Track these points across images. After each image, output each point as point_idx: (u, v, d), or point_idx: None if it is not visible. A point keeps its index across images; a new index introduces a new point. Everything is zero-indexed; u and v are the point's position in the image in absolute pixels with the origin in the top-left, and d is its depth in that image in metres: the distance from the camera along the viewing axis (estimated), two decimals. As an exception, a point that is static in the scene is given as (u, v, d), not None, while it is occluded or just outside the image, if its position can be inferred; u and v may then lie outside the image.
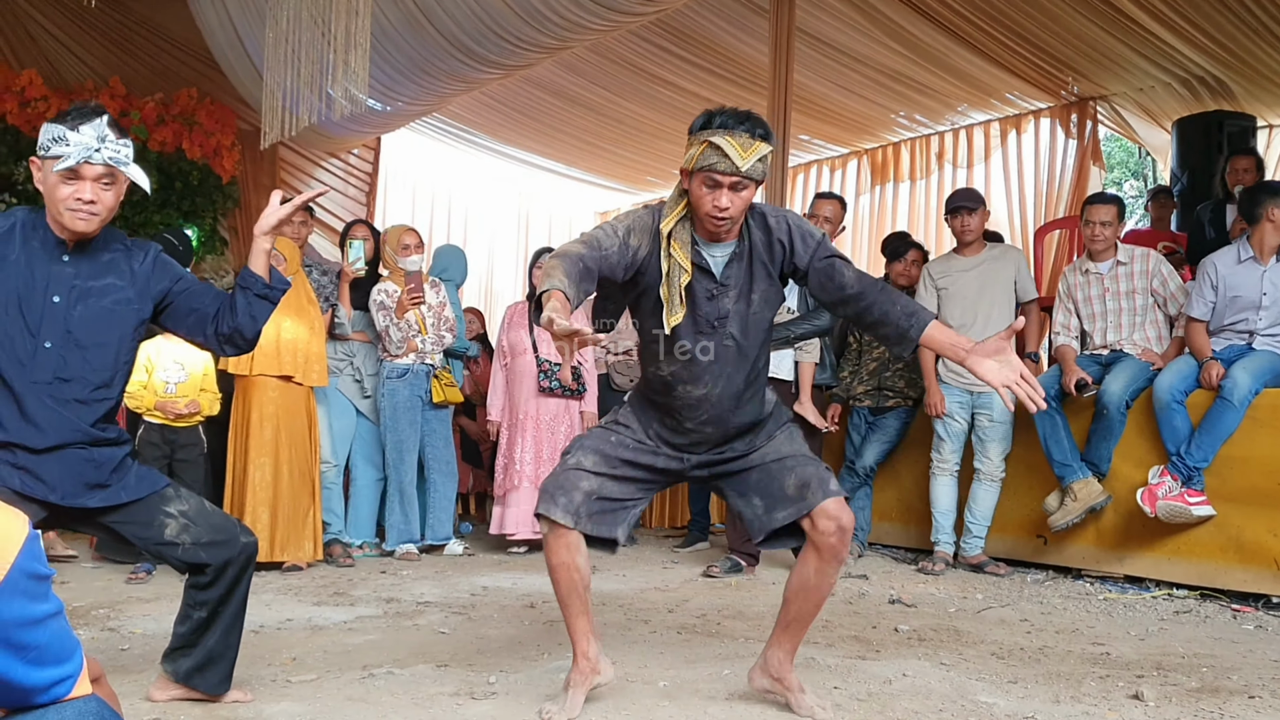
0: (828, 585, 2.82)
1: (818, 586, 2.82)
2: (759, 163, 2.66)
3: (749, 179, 2.68)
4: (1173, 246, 7.05)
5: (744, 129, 2.65)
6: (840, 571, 2.72)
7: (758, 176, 2.68)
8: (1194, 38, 7.44)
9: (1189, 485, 4.68)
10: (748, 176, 2.66)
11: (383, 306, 5.73)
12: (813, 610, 2.87)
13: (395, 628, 3.98)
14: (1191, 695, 3.10)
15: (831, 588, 2.83)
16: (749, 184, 2.69)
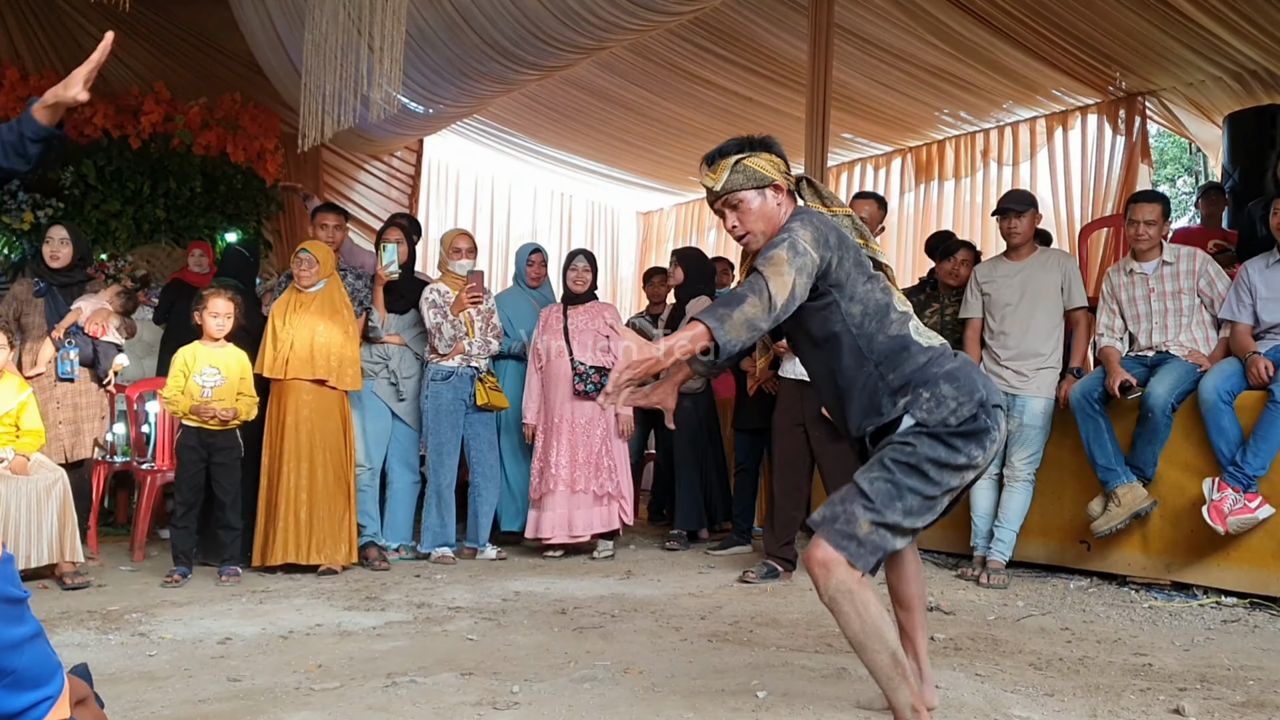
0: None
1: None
2: (734, 174, 2.75)
3: (730, 193, 2.77)
4: (1223, 244, 6.88)
5: (707, 160, 2.82)
6: (837, 609, 2.52)
7: (740, 186, 2.75)
8: (1245, 30, 7.26)
9: (1247, 492, 4.55)
10: (727, 191, 2.76)
11: (435, 305, 5.74)
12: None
13: (424, 634, 3.96)
14: (1235, 710, 3.00)
15: (836, 618, 2.56)
16: (737, 197, 2.77)
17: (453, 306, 5.74)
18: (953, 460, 2.55)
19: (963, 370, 2.63)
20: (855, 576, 2.50)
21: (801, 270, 2.53)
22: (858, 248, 2.73)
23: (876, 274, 2.74)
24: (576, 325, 6.02)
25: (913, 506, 2.55)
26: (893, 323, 2.68)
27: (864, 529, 2.52)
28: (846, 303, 2.66)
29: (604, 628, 4.10)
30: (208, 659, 3.52)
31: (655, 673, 3.39)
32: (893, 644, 2.53)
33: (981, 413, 2.57)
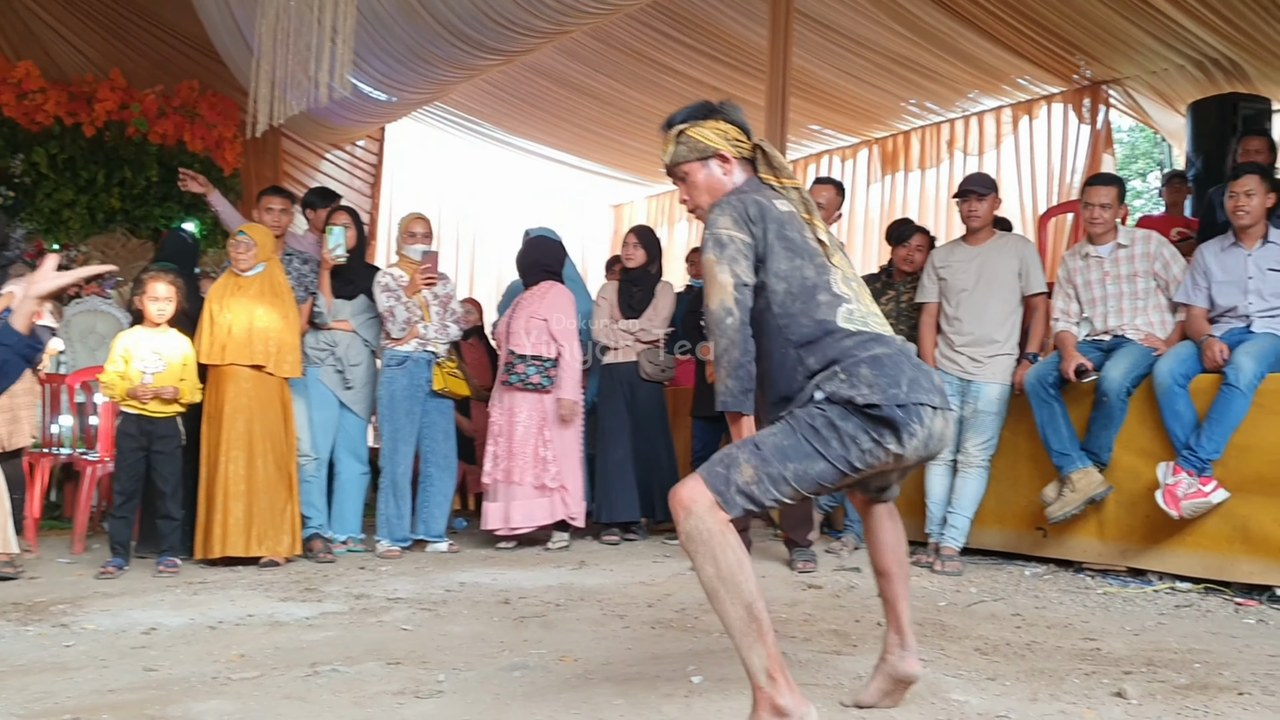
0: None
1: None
2: (679, 146, 2.72)
3: (675, 165, 2.74)
4: (1186, 232, 6.85)
5: (662, 129, 2.79)
6: (692, 550, 2.36)
7: (684, 158, 2.71)
8: (1206, 18, 7.23)
9: (1201, 475, 4.50)
10: (673, 164, 2.74)
11: (387, 289, 5.63)
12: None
13: (357, 624, 3.85)
14: (1178, 692, 2.93)
15: (692, 561, 2.41)
16: (682, 169, 2.74)
17: (407, 289, 5.63)
18: (859, 437, 2.37)
19: (891, 360, 2.43)
20: (719, 519, 2.34)
21: (735, 259, 2.50)
22: (784, 222, 2.57)
23: (814, 250, 2.57)
24: (523, 310, 5.91)
25: (807, 471, 2.37)
26: (820, 305, 2.51)
27: (745, 475, 2.36)
28: (770, 280, 2.53)
29: (546, 617, 4.00)
30: (127, 649, 3.41)
31: (590, 660, 3.30)
32: (749, 597, 2.31)
33: (890, 408, 2.36)
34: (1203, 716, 2.71)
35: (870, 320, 2.54)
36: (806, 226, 2.62)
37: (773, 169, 2.69)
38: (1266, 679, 3.07)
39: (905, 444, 2.39)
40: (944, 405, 2.49)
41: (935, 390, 2.47)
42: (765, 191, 2.63)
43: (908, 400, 2.38)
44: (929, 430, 2.43)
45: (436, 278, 5.70)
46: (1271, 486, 4.40)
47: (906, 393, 2.38)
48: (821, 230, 2.63)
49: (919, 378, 2.44)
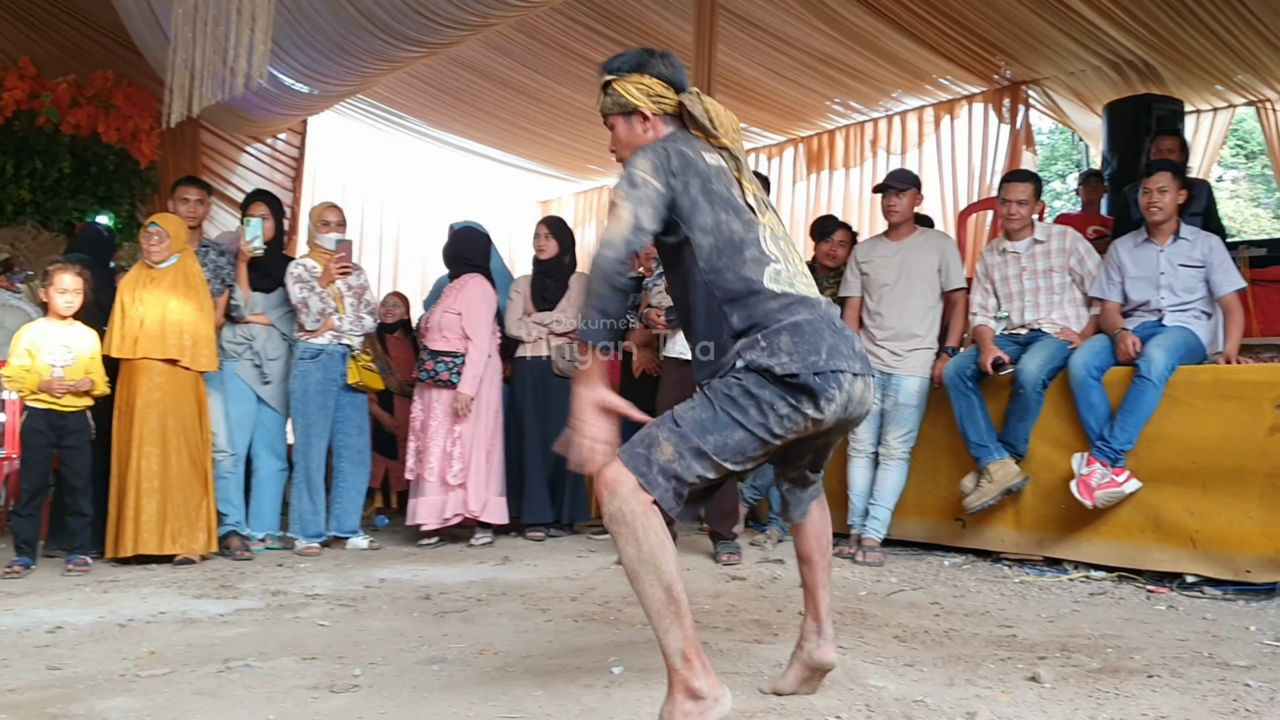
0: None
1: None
2: (605, 97, 2.70)
3: (604, 115, 2.73)
4: (1102, 230, 7.00)
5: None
6: (615, 531, 2.31)
7: (608, 110, 2.70)
8: (1122, 20, 7.39)
9: (1114, 466, 4.59)
10: (602, 114, 2.73)
11: (300, 279, 5.51)
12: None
13: (273, 620, 3.78)
14: (1090, 676, 2.98)
15: (615, 542, 2.35)
16: (609, 120, 2.71)
17: (320, 279, 5.53)
18: (776, 403, 2.34)
19: (812, 327, 2.40)
20: (643, 500, 2.30)
21: (642, 202, 2.41)
22: (710, 176, 2.50)
23: (742, 207, 2.51)
24: (439, 304, 5.85)
25: (726, 442, 2.34)
26: (747, 262, 2.45)
27: (666, 453, 2.33)
28: (695, 234, 2.47)
29: (467, 612, 3.96)
30: (30, 648, 3.30)
31: (511, 653, 3.27)
32: (669, 579, 2.27)
33: (808, 375, 2.33)
34: (1114, 699, 2.75)
35: (797, 281, 2.50)
36: (735, 183, 2.55)
37: (699, 127, 2.60)
38: (1175, 662, 3.13)
39: (824, 410, 2.36)
40: (865, 371, 2.47)
41: (856, 356, 2.45)
42: (694, 144, 2.56)
43: (826, 368, 2.35)
44: (848, 395, 2.40)
45: (351, 267, 5.61)
46: (1182, 476, 4.50)
47: (825, 360, 2.36)
48: (751, 187, 2.57)
49: (839, 344, 2.41)
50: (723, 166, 2.56)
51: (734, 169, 2.58)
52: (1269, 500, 4.25)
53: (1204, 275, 4.78)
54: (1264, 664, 3.10)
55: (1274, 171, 8.97)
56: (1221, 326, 4.82)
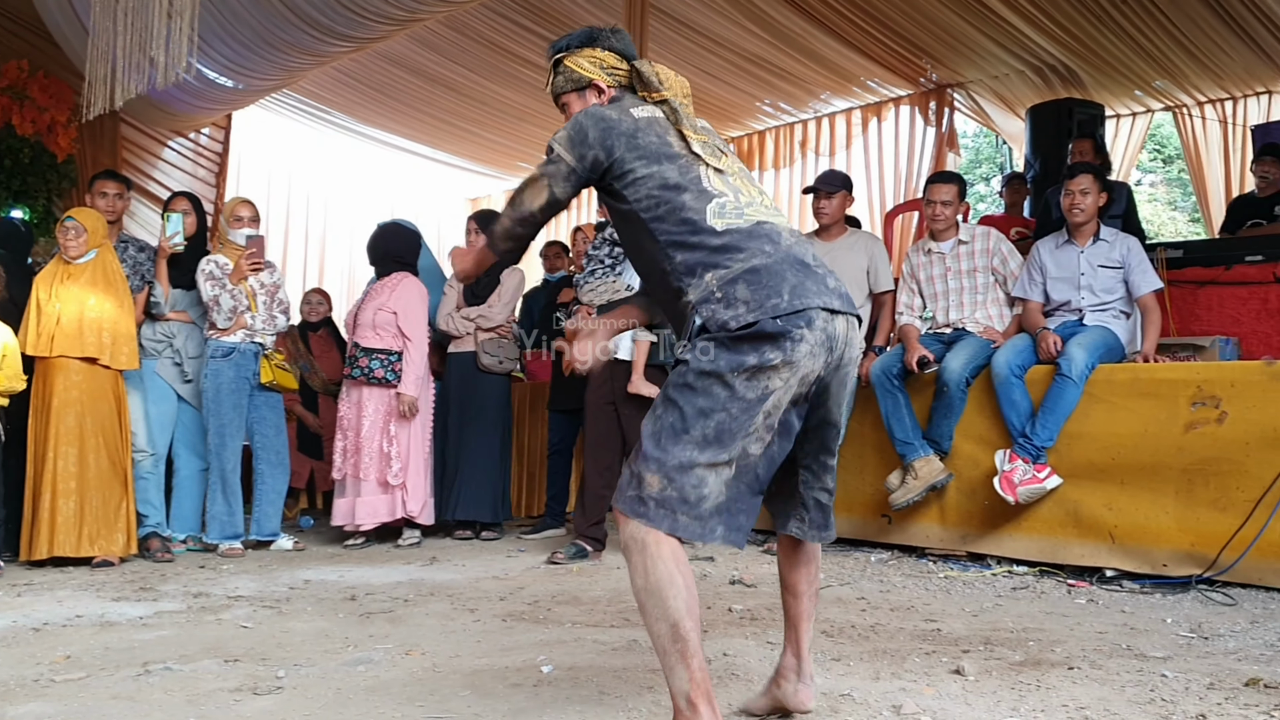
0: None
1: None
2: (556, 76, 2.64)
3: (556, 96, 2.66)
4: (1025, 231, 7.13)
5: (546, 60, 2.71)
6: (627, 559, 2.21)
7: (561, 89, 2.63)
8: (1045, 25, 7.55)
9: (1036, 463, 4.67)
10: (554, 95, 2.66)
11: (211, 276, 5.41)
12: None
13: (194, 623, 3.70)
14: (1013, 668, 3.03)
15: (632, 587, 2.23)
16: (562, 100, 2.64)
17: (231, 276, 5.43)
18: (738, 365, 2.14)
19: (771, 268, 2.22)
20: (655, 532, 2.14)
21: (554, 177, 2.39)
22: (636, 130, 2.38)
23: (676, 154, 2.37)
24: (369, 301, 5.78)
25: (707, 434, 2.14)
26: (686, 204, 2.31)
27: (653, 485, 2.15)
28: (630, 191, 2.36)
29: (394, 612, 3.92)
30: (-61, 654, 3.21)
31: (438, 653, 3.24)
32: (676, 615, 2.10)
33: (767, 321, 2.14)
34: (1035, 691, 2.80)
35: (748, 211, 2.33)
36: (671, 131, 2.42)
37: (645, 85, 2.52)
38: (1095, 654, 3.20)
39: (791, 351, 2.15)
40: (846, 308, 2.29)
41: (830, 292, 2.26)
42: (624, 102, 2.48)
43: (789, 308, 2.16)
44: (825, 334, 2.22)
45: (263, 264, 5.51)
46: (1101, 472, 4.60)
47: (788, 300, 2.17)
48: (696, 135, 2.43)
49: (804, 282, 2.23)
50: (655, 117, 2.44)
51: (672, 119, 2.45)
52: (1184, 496, 4.36)
53: (1123, 276, 4.90)
54: (1179, 655, 3.18)
55: (1190, 176, 9.21)
56: (1139, 326, 4.94)
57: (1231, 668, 2.99)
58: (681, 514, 2.15)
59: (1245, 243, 6.11)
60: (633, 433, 5.17)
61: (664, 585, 2.12)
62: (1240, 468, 4.22)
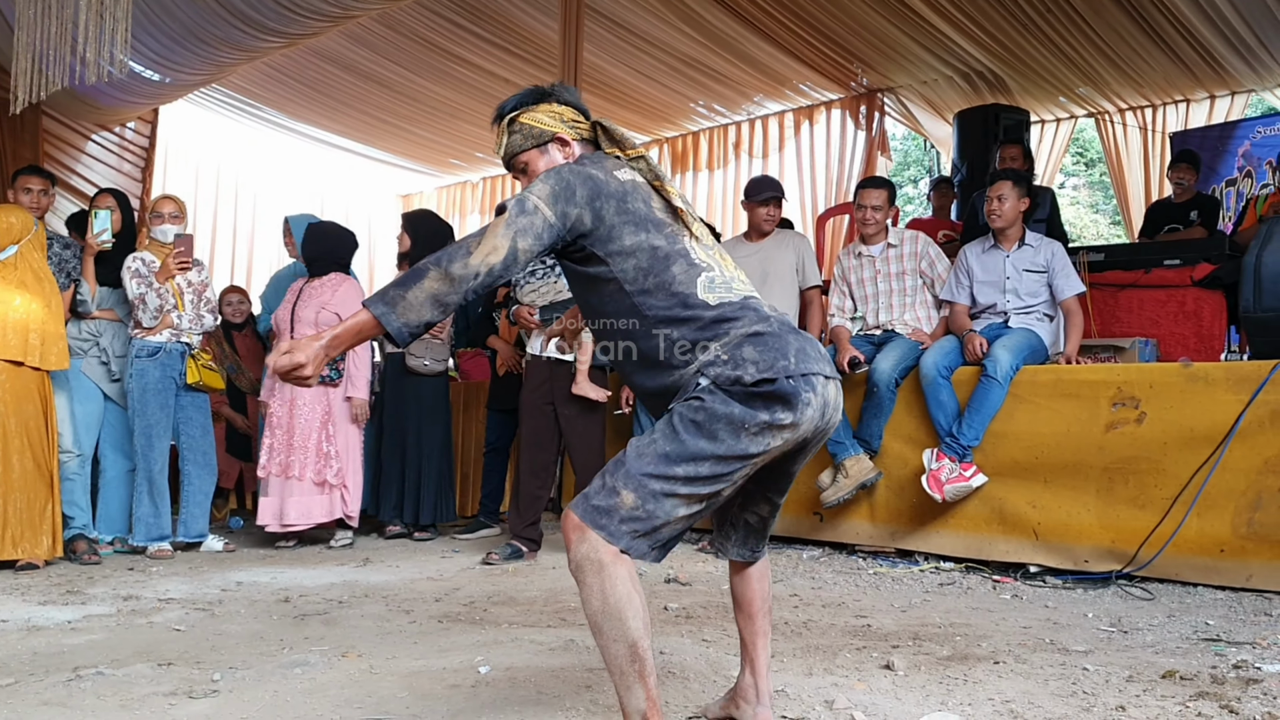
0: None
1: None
2: (512, 136, 2.45)
3: (513, 156, 2.47)
4: (952, 234, 7.27)
5: (493, 121, 2.52)
6: (580, 579, 2.14)
7: (519, 148, 2.44)
8: (971, 32, 7.70)
9: (963, 461, 4.78)
10: (509, 157, 2.48)
11: (137, 274, 5.32)
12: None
13: (125, 626, 3.66)
14: (941, 663, 3.11)
15: (579, 590, 2.17)
16: (521, 160, 2.46)
17: (158, 274, 5.35)
18: (750, 419, 2.14)
19: (773, 335, 2.21)
20: (610, 550, 2.10)
21: (525, 232, 2.17)
22: (625, 195, 2.29)
23: (663, 221, 2.30)
24: (307, 300, 5.73)
25: (698, 472, 2.13)
26: (676, 277, 2.25)
27: (627, 502, 2.11)
28: (615, 260, 2.26)
29: (328, 614, 3.90)
30: None
31: (375, 655, 3.24)
32: (634, 636, 2.08)
33: (784, 380, 2.14)
34: (963, 685, 2.88)
35: (735, 285, 2.31)
36: (654, 195, 2.34)
37: (615, 142, 2.42)
38: (1019, 649, 3.29)
39: (800, 415, 2.17)
40: (835, 374, 2.32)
41: (823, 359, 2.28)
42: (606, 163, 2.35)
43: (797, 370, 2.17)
44: (824, 399, 2.23)
45: (190, 263, 5.44)
46: (1025, 471, 4.73)
47: (795, 363, 2.18)
48: (675, 197, 2.35)
49: (805, 347, 2.24)
50: (638, 181, 2.35)
51: (651, 178, 2.37)
52: (1105, 494, 4.50)
53: (1047, 280, 5.04)
54: (1100, 649, 3.28)
55: (1111, 180, 9.46)
56: (1062, 328, 5.08)
57: (1149, 660, 3.10)
58: (640, 537, 2.13)
59: (1164, 247, 6.30)
60: (573, 434, 5.19)
61: (623, 606, 2.09)
62: (1158, 466, 4.37)
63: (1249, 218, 6.80)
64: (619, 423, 5.95)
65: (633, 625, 2.09)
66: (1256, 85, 8.27)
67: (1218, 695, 2.67)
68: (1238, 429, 4.17)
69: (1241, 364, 4.55)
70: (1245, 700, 2.63)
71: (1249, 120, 8.60)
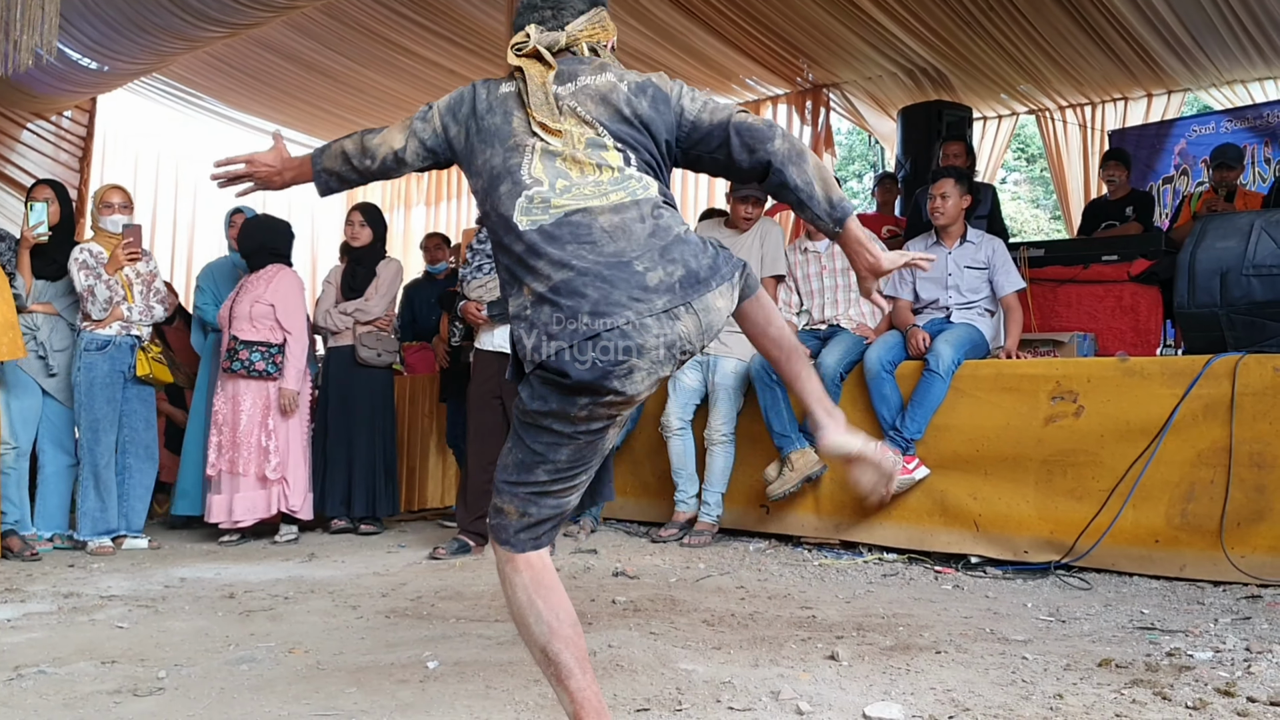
0: None
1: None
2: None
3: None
4: (895, 230, 7.36)
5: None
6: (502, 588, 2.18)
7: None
8: (915, 28, 7.78)
9: (906, 454, 4.85)
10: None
11: (85, 265, 5.23)
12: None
13: (67, 624, 3.61)
14: (884, 653, 3.16)
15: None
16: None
17: (107, 265, 5.27)
18: (573, 407, 2.00)
19: (569, 285, 1.96)
20: (506, 557, 2.11)
21: (418, 133, 2.24)
22: (486, 110, 2.16)
23: (509, 134, 2.12)
24: (243, 295, 5.67)
25: (558, 466, 2.08)
26: (501, 198, 2.07)
27: (512, 514, 2.10)
28: (472, 181, 2.18)
29: (274, 610, 3.88)
30: None
31: (322, 651, 3.23)
32: (541, 639, 2.05)
33: (578, 358, 1.94)
34: (905, 675, 2.93)
35: (560, 199, 2.04)
36: (518, 110, 2.14)
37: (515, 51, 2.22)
38: (960, 638, 3.35)
39: (623, 386, 1.97)
40: (678, 301, 1.97)
41: (647, 294, 1.96)
42: (502, 80, 2.22)
43: (597, 328, 1.93)
44: (665, 343, 1.97)
45: (139, 253, 5.36)
46: (966, 463, 4.81)
47: (590, 320, 1.93)
48: (531, 109, 2.11)
49: (609, 292, 1.95)
50: (509, 93, 2.18)
51: (518, 100, 2.15)
52: (1044, 486, 4.59)
53: (988, 276, 5.13)
54: (1039, 638, 3.36)
55: (1052, 176, 9.62)
56: (1003, 323, 5.17)
57: (1086, 649, 3.18)
58: (536, 535, 2.11)
59: (1102, 243, 6.43)
60: (520, 428, 5.19)
61: (524, 613, 2.08)
62: (1096, 459, 4.46)
63: (1184, 214, 6.98)
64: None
65: (536, 630, 2.06)
66: (1192, 85, 8.46)
67: (1151, 683, 2.75)
68: (1172, 423, 4.27)
69: (1176, 359, 4.66)
70: (1178, 687, 2.71)
71: (1185, 119, 8.80)
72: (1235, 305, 4.43)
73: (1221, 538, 4.11)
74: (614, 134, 2.13)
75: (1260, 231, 4.44)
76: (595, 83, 2.17)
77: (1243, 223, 4.59)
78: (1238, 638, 3.26)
